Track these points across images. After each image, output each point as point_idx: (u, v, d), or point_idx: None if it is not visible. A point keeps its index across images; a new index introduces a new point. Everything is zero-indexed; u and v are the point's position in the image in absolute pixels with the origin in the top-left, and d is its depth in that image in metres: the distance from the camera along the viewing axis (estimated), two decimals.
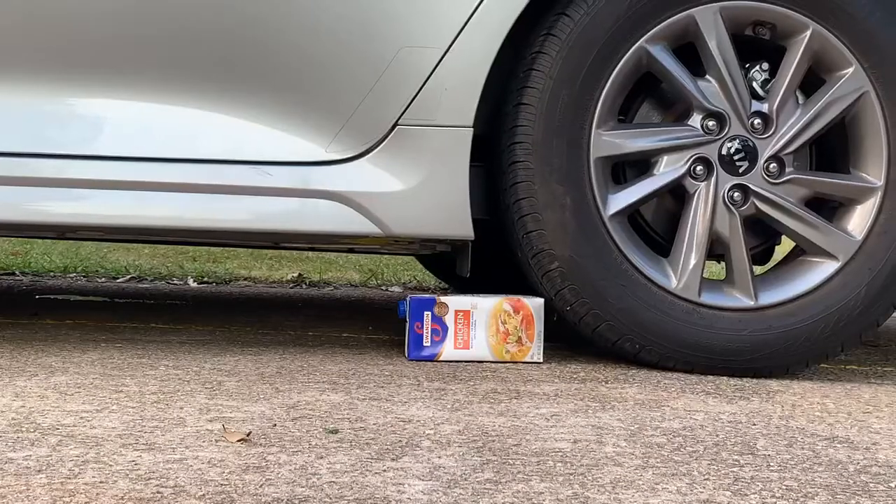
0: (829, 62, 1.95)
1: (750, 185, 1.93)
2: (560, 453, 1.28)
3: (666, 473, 1.21)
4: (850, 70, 1.93)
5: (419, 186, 1.89)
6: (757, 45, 2.00)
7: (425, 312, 1.94)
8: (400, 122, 1.88)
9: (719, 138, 1.93)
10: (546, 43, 1.89)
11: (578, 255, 1.90)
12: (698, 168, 1.93)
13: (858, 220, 1.95)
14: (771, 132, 1.93)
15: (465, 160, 1.88)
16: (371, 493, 1.07)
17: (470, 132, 1.88)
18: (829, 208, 2.02)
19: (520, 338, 1.96)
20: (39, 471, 1.09)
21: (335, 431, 1.34)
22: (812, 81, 1.98)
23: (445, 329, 1.94)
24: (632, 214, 2.01)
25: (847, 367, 2.24)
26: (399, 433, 1.35)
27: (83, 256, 4.12)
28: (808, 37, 1.91)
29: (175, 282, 3.57)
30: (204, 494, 1.04)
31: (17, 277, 3.51)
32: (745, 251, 1.95)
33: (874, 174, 1.95)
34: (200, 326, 2.33)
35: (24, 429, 1.28)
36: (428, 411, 1.50)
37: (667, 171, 1.94)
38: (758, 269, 2.08)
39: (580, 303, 1.92)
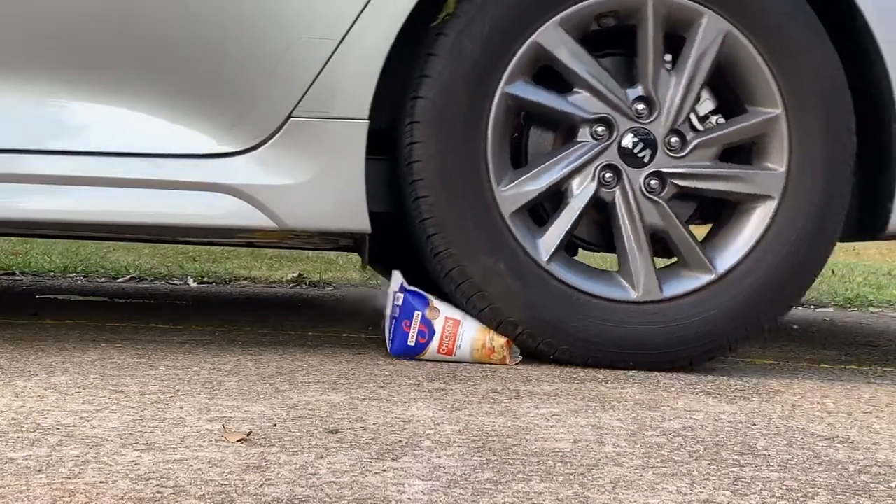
0: (682, 19, 1.92)
1: (661, 169, 1.92)
2: (560, 453, 1.28)
3: (666, 473, 1.21)
4: (704, 19, 1.90)
5: (314, 179, 1.86)
6: (610, 35, 1.98)
7: (416, 312, 1.94)
8: (294, 114, 1.85)
9: (613, 139, 1.92)
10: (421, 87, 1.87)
11: (533, 316, 1.90)
12: (607, 175, 1.92)
13: (777, 155, 1.94)
14: (657, 111, 1.92)
15: (360, 153, 1.85)
16: (371, 493, 1.07)
17: (365, 125, 1.84)
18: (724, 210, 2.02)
19: (504, 357, 1.95)
20: (39, 471, 1.09)
21: (335, 431, 1.34)
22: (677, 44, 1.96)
23: (432, 333, 1.94)
24: (570, 243, 2.00)
25: (847, 367, 2.24)
26: (399, 433, 1.35)
27: (83, 256, 4.12)
28: (650, 5, 1.89)
29: (175, 282, 3.57)
30: (204, 494, 1.04)
31: (17, 277, 3.51)
32: (686, 231, 1.94)
33: (770, 104, 1.93)
34: (200, 326, 2.33)
35: (24, 429, 1.28)
36: (428, 411, 1.50)
37: (579, 193, 1.92)
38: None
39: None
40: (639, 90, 1.92)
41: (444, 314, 1.95)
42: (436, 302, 1.96)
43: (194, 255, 4.54)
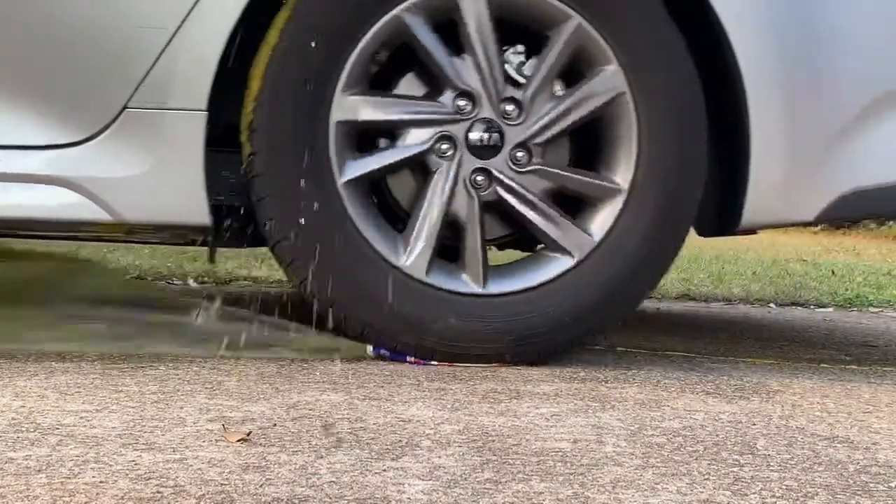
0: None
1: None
2: (560, 453, 1.28)
3: (666, 473, 1.21)
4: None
5: (151, 172, 1.81)
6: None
7: (407, 358, 1.95)
8: (129, 105, 1.80)
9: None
10: None
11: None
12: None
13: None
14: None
15: (199, 144, 1.80)
16: (371, 493, 1.07)
17: (204, 116, 1.80)
18: (577, 205, 1.99)
19: None
20: (39, 471, 1.09)
21: (329, 426, 1.34)
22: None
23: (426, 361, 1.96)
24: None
25: (847, 367, 2.24)
26: (399, 433, 1.35)
27: (83, 257, 4.11)
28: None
29: (175, 282, 3.56)
30: (204, 494, 1.04)
31: None
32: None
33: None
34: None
35: (24, 429, 1.28)
36: (428, 411, 1.50)
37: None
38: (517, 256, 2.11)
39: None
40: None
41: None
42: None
43: (194, 255, 4.53)
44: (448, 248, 1.94)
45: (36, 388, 1.53)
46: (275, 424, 1.36)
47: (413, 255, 1.88)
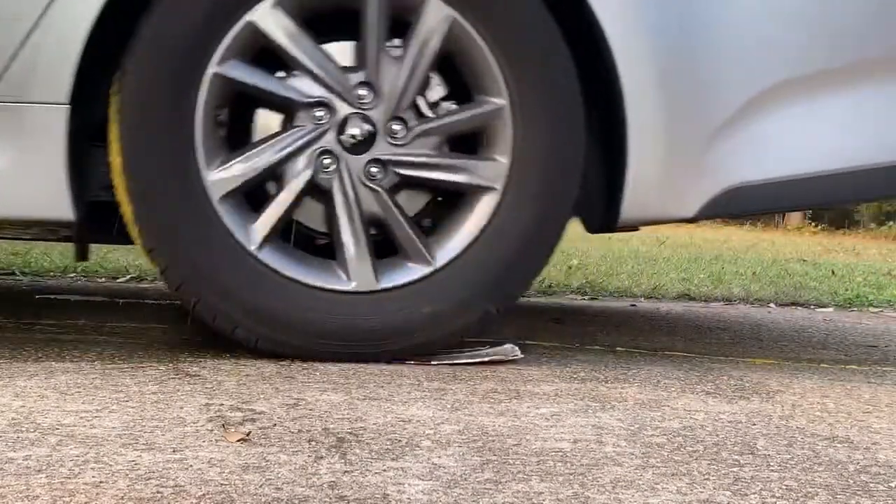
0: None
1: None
2: (560, 453, 1.28)
3: (666, 473, 1.21)
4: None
5: (12, 166, 1.77)
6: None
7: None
8: None
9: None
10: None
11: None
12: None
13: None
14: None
15: (61, 138, 1.76)
16: (371, 493, 1.07)
17: (66, 110, 1.75)
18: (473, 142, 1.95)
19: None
20: (39, 471, 1.09)
21: (335, 432, 1.34)
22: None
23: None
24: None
25: (847, 367, 2.24)
26: (399, 433, 1.35)
27: None
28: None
29: None
30: (204, 494, 1.04)
31: (17, 277, 3.50)
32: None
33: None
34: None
35: (24, 429, 1.28)
36: (428, 411, 1.50)
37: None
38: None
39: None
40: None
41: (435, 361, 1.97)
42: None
43: None
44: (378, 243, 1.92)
45: (36, 388, 1.53)
46: (275, 424, 1.36)
47: (357, 273, 1.87)
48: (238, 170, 1.85)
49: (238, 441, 1.26)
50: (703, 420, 1.53)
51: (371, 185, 1.87)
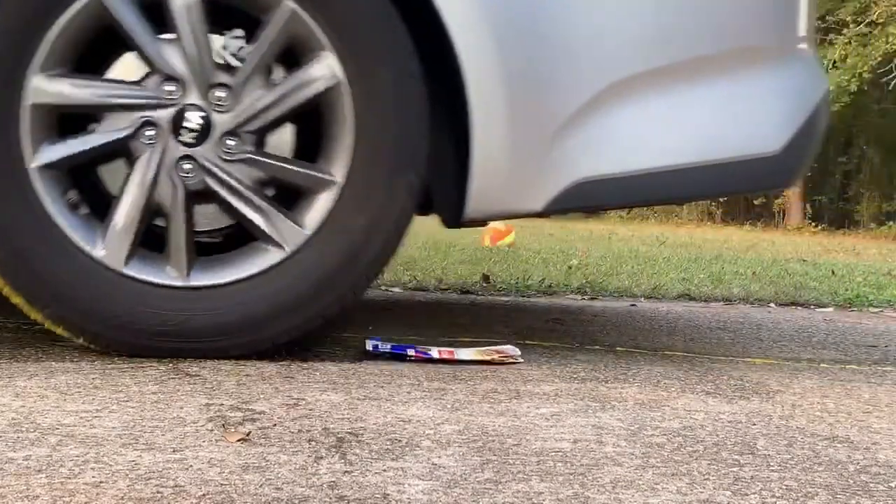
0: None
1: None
2: (560, 453, 1.28)
3: (666, 473, 1.21)
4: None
5: None
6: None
7: (408, 350, 1.98)
8: None
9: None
10: None
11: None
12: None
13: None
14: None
15: None
16: (371, 493, 1.07)
17: None
18: (293, 196, 1.92)
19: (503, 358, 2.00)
20: (39, 471, 1.09)
21: (335, 432, 1.34)
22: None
23: (428, 355, 1.98)
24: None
25: (847, 366, 2.24)
26: (399, 433, 1.35)
27: None
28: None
29: None
30: (204, 494, 1.04)
31: None
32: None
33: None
34: None
35: (24, 429, 1.28)
36: (428, 411, 1.50)
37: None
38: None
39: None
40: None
41: (435, 349, 1.99)
42: (420, 347, 2.00)
43: None
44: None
45: (36, 388, 1.53)
46: (275, 424, 1.36)
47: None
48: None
49: (238, 441, 1.26)
50: (703, 420, 1.53)
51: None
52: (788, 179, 2.08)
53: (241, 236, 1.94)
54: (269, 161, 1.87)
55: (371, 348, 1.98)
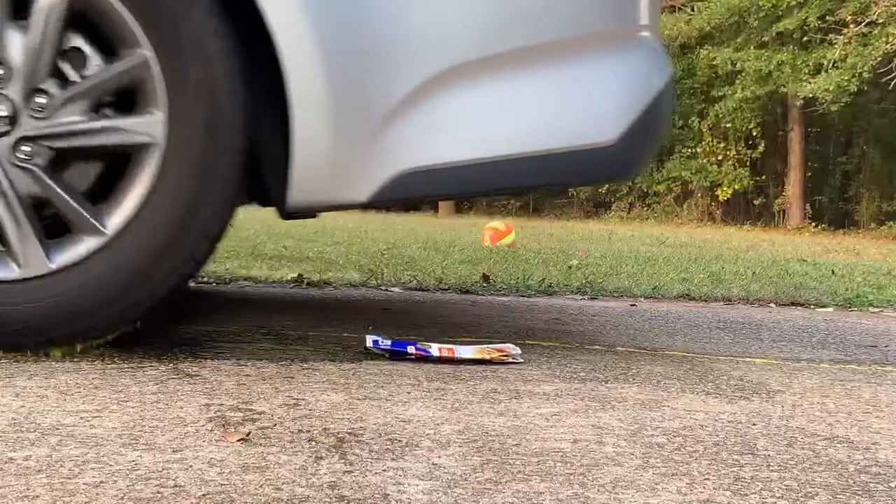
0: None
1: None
2: (560, 453, 1.28)
3: (666, 473, 1.21)
4: (141, 49, 1.76)
5: None
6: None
7: (408, 346, 1.98)
8: None
9: None
10: None
11: None
12: None
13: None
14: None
15: None
16: (371, 493, 1.07)
17: None
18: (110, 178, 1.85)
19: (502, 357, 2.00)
20: (39, 471, 1.09)
21: (335, 432, 1.34)
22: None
23: (428, 352, 1.98)
24: None
25: (847, 366, 2.24)
26: (399, 433, 1.35)
27: None
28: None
29: None
30: (204, 494, 1.04)
31: None
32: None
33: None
34: (200, 326, 2.33)
35: (24, 429, 1.28)
36: (428, 411, 1.50)
37: None
38: None
39: None
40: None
41: (436, 346, 1.99)
42: (421, 343, 2.00)
43: None
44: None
45: (36, 388, 1.53)
46: (275, 424, 1.36)
47: None
48: None
49: (238, 441, 1.26)
50: (703, 420, 1.53)
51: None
52: (626, 170, 2.01)
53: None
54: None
55: (371, 345, 1.98)
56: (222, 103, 1.80)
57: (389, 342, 1.98)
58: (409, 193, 1.90)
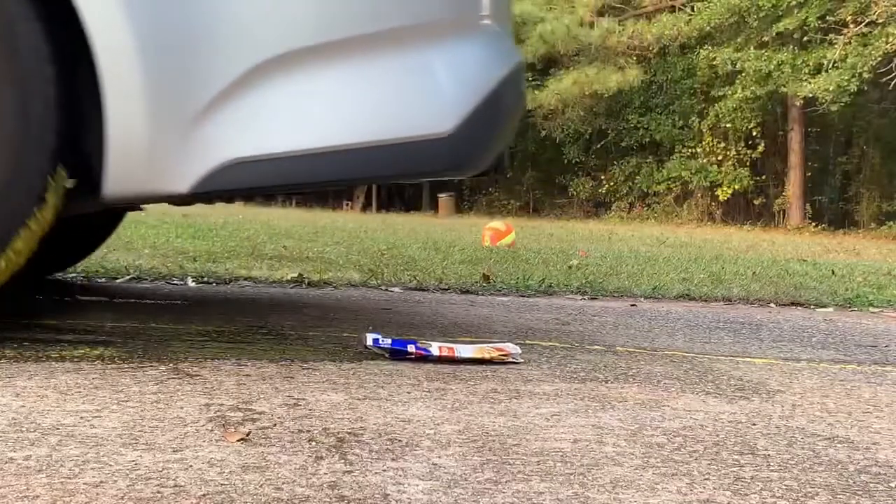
0: None
1: None
2: (560, 453, 1.28)
3: (666, 473, 1.21)
4: None
5: None
6: None
7: (409, 346, 1.98)
8: None
9: None
10: None
11: None
12: None
13: None
14: None
15: None
16: (371, 493, 1.07)
17: None
18: None
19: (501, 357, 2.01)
20: (39, 471, 1.09)
21: (335, 432, 1.34)
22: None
23: (428, 352, 1.98)
24: None
25: (847, 366, 2.24)
26: (399, 433, 1.35)
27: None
28: None
29: (175, 282, 3.56)
30: (204, 494, 1.04)
31: None
32: None
33: None
34: (200, 326, 2.33)
35: (24, 429, 1.28)
36: (428, 411, 1.50)
37: None
38: None
39: None
40: None
41: (436, 345, 1.99)
42: (421, 342, 2.00)
43: (194, 255, 4.54)
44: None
45: (36, 388, 1.53)
46: (275, 424, 1.36)
47: None
48: None
49: (238, 441, 1.26)
50: (703, 420, 1.53)
51: None
52: (465, 163, 1.93)
53: None
54: None
55: (371, 343, 1.98)
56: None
57: (390, 341, 1.98)
58: (235, 185, 1.84)
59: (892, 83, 19.09)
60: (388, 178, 1.98)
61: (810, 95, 19.84)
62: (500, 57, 1.97)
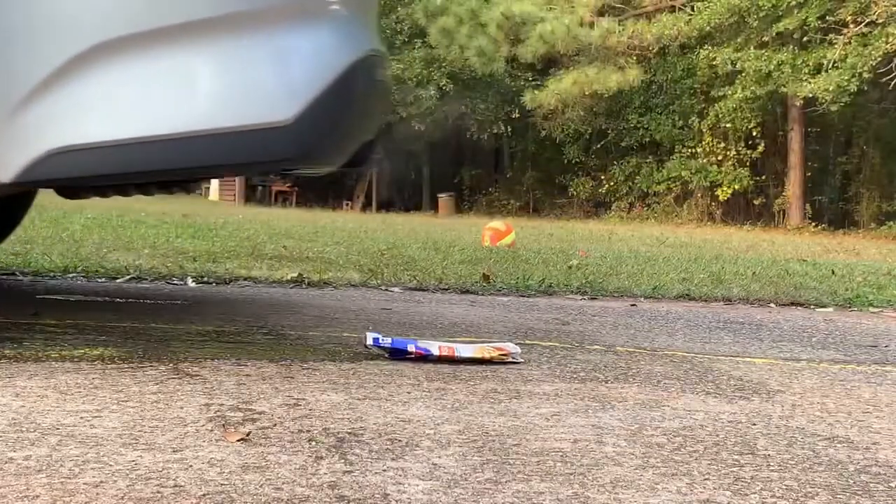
0: None
1: None
2: (560, 453, 1.28)
3: (666, 473, 1.21)
4: None
5: None
6: None
7: (409, 345, 1.98)
8: None
9: None
10: None
11: None
12: None
13: None
14: None
15: None
16: (371, 493, 1.07)
17: None
18: None
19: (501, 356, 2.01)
20: (39, 471, 1.09)
21: (335, 432, 1.34)
22: None
23: (429, 352, 1.98)
24: None
25: (847, 366, 2.24)
26: (399, 433, 1.35)
27: (83, 256, 4.12)
28: None
29: (175, 282, 3.56)
30: (204, 494, 1.04)
31: (17, 277, 3.50)
32: None
33: None
34: (200, 326, 2.33)
35: (24, 429, 1.28)
36: (428, 411, 1.50)
37: None
38: None
39: None
40: None
41: (436, 345, 2.00)
42: (421, 342, 2.00)
43: (194, 255, 4.54)
44: None
45: (36, 388, 1.53)
46: (275, 424, 1.36)
47: None
48: None
49: (238, 441, 1.26)
50: (703, 420, 1.53)
51: None
52: (309, 152, 1.86)
53: None
54: None
55: (371, 342, 1.98)
56: None
57: (390, 340, 1.98)
58: (62, 174, 1.80)
59: (892, 83, 19.09)
60: (228, 167, 1.93)
61: (810, 95, 19.82)
62: (349, 43, 1.91)
